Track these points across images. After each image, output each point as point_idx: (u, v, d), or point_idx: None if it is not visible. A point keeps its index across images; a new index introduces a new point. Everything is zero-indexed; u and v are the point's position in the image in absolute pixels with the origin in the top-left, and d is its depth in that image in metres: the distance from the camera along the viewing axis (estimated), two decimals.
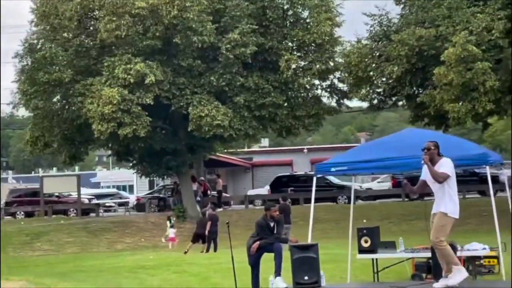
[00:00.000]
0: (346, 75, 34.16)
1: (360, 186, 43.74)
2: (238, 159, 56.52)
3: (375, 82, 33.51)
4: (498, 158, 14.32)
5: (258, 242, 13.03)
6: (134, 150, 36.34)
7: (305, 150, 58.56)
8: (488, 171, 13.29)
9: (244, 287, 15.68)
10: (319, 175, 14.06)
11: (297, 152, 59.43)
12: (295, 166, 55.81)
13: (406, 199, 39.83)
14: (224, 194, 44.98)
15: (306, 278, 12.55)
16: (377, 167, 12.32)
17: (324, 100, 37.30)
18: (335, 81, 37.42)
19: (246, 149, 59.86)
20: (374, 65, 32.50)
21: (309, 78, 35.28)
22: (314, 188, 13.95)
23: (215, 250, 27.38)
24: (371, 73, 32.80)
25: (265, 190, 45.75)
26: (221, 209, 37.24)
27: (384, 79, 32.64)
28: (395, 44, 31.03)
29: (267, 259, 13.80)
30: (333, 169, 13.54)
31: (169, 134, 36.61)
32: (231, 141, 38.70)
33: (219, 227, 27.50)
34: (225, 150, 48.51)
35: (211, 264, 20.67)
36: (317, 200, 39.47)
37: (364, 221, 30.85)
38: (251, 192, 46.32)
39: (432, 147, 11.54)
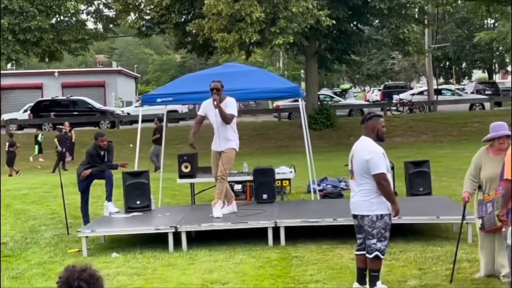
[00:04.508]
0: (114, 1, 34.27)
1: (122, 111, 44.15)
2: None
3: (144, 9, 33.96)
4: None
5: (90, 170, 13.43)
6: None
7: (56, 74, 57.18)
8: (300, 103, 14.63)
9: (52, 212, 16.09)
10: (145, 106, 14.67)
11: (47, 75, 57.65)
12: (46, 90, 54.65)
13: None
14: None
15: (138, 202, 13.23)
16: (201, 99, 12.98)
17: (90, 25, 37.12)
18: (101, 6, 37.33)
19: None
20: None
21: (75, 3, 34.87)
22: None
23: None
24: (140, 0, 33.27)
25: (20, 114, 44.53)
26: None
27: (153, 6, 33.16)
28: None
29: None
30: (159, 100, 14.13)
31: None
32: None
33: None
34: None
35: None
36: (80, 124, 39.57)
37: (131, 145, 31.60)
38: (7, 116, 44.79)
39: (220, 87, 11.78)
